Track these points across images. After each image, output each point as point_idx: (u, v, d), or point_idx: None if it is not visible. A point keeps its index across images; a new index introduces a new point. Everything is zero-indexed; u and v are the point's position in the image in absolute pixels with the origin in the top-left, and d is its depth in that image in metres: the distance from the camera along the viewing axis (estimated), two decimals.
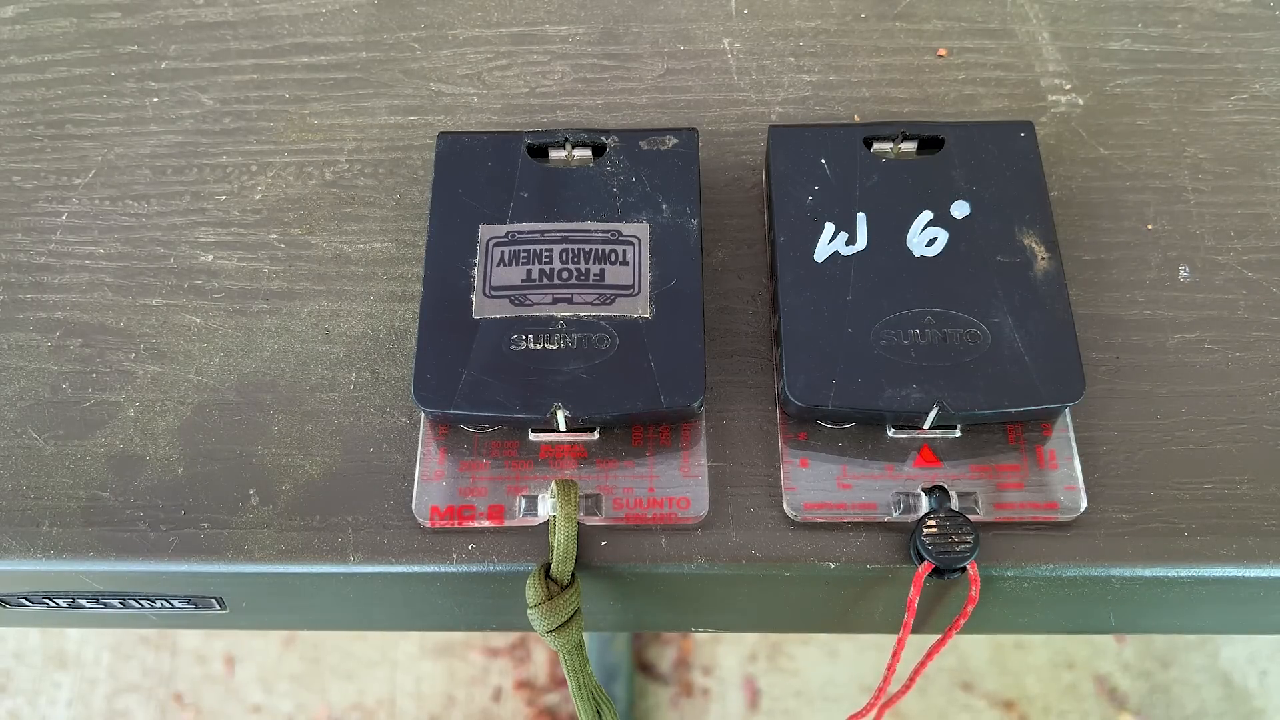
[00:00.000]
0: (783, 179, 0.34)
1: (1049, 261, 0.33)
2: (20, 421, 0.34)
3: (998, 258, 0.33)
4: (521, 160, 0.35)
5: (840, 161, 0.35)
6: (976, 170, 0.34)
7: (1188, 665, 1.00)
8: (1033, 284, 0.32)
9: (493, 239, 0.34)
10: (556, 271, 0.33)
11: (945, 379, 0.31)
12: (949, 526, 0.30)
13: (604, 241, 0.34)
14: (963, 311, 0.32)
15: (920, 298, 0.32)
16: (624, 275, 0.33)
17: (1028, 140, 0.35)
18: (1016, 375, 0.31)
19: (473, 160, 0.35)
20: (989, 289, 0.32)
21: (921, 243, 0.33)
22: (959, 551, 0.30)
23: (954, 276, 0.33)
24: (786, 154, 0.35)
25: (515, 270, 0.33)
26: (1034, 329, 0.32)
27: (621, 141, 0.35)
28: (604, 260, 0.33)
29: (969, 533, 0.30)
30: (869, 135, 0.35)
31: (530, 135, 0.36)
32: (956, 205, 0.34)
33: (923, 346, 0.31)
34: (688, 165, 0.35)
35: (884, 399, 0.31)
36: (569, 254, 0.34)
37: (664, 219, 0.34)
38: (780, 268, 0.33)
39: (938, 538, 0.30)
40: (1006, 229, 0.33)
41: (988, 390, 0.31)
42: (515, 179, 0.35)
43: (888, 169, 0.35)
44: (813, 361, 0.31)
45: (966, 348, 0.31)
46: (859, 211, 0.34)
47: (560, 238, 0.34)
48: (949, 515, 0.30)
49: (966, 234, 0.33)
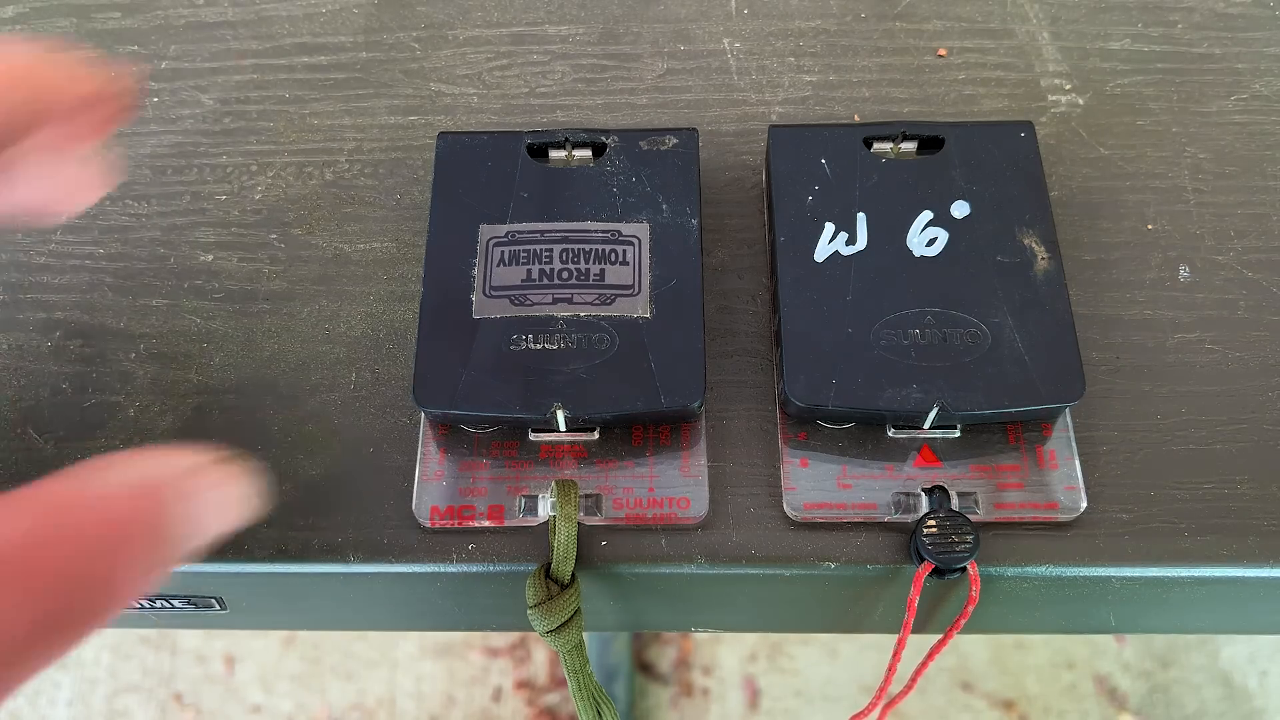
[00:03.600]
0: (783, 179, 0.34)
1: (1049, 261, 0.33)
2: (20, 421, 0.34)
3: (998, 258, 0.33)
4: (521, 160, 0.35)
5: (840, 161, 0.35)
6: (976, 170, 0.34)
7: (1188, 665, 1.00)
8: (1033, 284, 0.32)
9: (493, 239, 0.34)
10: (557, 271, 0.33)
11: (945, 379, 0.31)
12: (949, 527, 0.30)
13: (604, 241, 0.34)
14: (963, 311, 0.32)
15: (920, 298, 0.32)
16: (624, 275, 0.33)
17: (1028, 140, 0.35)
18: (1016, 375, 0.31)
19: (473, 160, 0.35)
20: (989, 289, 0.32)
21: (922, 243, 0.33)
22: (959, 552, 0.30)
23: (954, 276, 0.33)
24: (786, 154, 0.35)
25: (515, 270, 0.33)
26: (1034, 329, 0.32)
27: (621, 141, 0.35)
28: (604, 260, 0.33)
29: (969, 533, 0.30)
30: (869, 135, 0.35)
31: (530, 135, 0.36)
32: (956, 205, 0.34)
33: (923, 346, 0.31)
34: (688, 165, 0.35)
35: (884, 399, 0.31)
36: (569, 254, 0.34)
37: (664, 219, 0.34)
38: (780, 267, 0.33)
39: (938, 538, 0.30)
40: (1006, 229, 0.33)
41: (988, 390, 0.31)
42: (515, 179, 0.35)
43: (888, 169, 0.35)
44: (813, 361, 0.31)
45: (966, 348, 0.31)
46: (859, 211, 0.34)
47: (560, 238, 0.34)
48: (949, 515, 0.30)
49: (967, 234, 0.33)
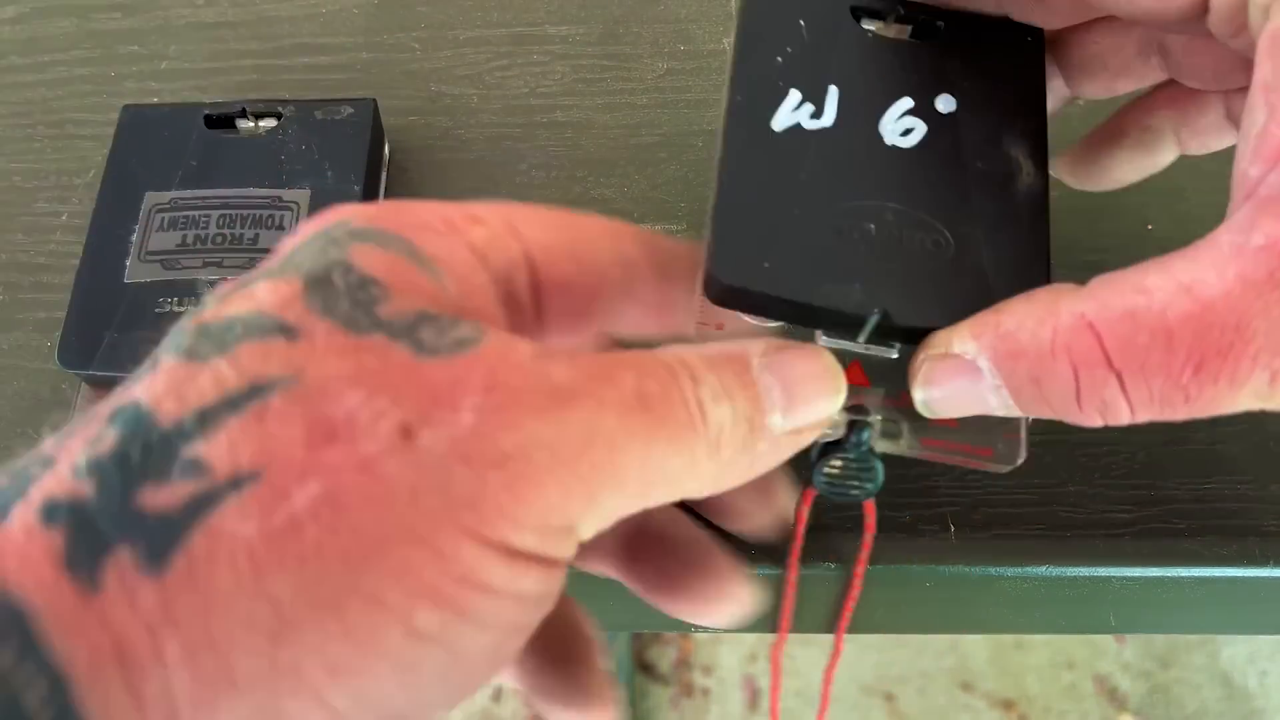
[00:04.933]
0: (752, 34, 0.30)
1: (1034, 179, 0.29)
2: (20, 421, 0.34)
3: (978, 164, 0.29)
4: (197, 130, 0.36)
5: (822, 27, 0.30)
6: (971, 67, 0.30)
7: (1188, 665, 1.00)
8: (1012, 199, 0.28)
9: (156, 205, 0.35)
10: (211, 236, 0.34)
11: (894, 284, 0.27)
12: (854, 469, 0.28)
13: (262, 207, 0.35)
14: (928, 214, 0.28)
15: (884, 190, 0.28)
16: (277, 240, 0.34)
17: (1034, 46, 0.31)
18: (975, 295, 0.27)
19: (151, 131, 0.37)
20: (962, 195, 0.28)
21: (896, 130, 0.29)
22: (854, 495, 0.28)
23: (925, 174, 0.28)
24: (761, 7, 0.31)
25: (172, 235, 0.35)
26: (1004, 248, 0.28)
27: (297, 111, 0.37)
28: (260, 225, 0.35)
29: (870, 480, 0.28)
30: (859, 5, 0.31)
31: (209, 107, 0.37)
32: (942, 99, 0.30)
33: (876, 243, 0.27)
34: (359, 134, 0.36)
35: (821, 294, 0.27)
36: (226, 219, 0.35)
37: (327, 185, 0.35)
38: (730, 130, 0.29)
39: (837, 479, 0.28)
40: (993, 135, 0.29)
41: (940, 304, 0.27)
42: (187, 148, 0.36)
43: (874, 46, 0.30)
44: (747, 238, 0.27)
45: (926, 254, 0.27)
46: (832, 84, 0.29)
47: (220, 204, 0.35)
48: (860, 459, 0.28)
49: (948, 131, 0.29)
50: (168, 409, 0.18)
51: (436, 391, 0.18)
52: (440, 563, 0.17)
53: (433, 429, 0.18)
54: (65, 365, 0.33)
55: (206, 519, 0.16)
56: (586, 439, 0.19)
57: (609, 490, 0.19)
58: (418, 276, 0.20)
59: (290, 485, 0.17)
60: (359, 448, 0.17)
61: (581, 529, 0.19)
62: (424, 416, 0.18)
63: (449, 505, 0.17)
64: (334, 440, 0.17)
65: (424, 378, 0.18)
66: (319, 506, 0.17)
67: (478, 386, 0.18)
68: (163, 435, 0.17)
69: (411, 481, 0.17)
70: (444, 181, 0.39)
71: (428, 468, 0.17)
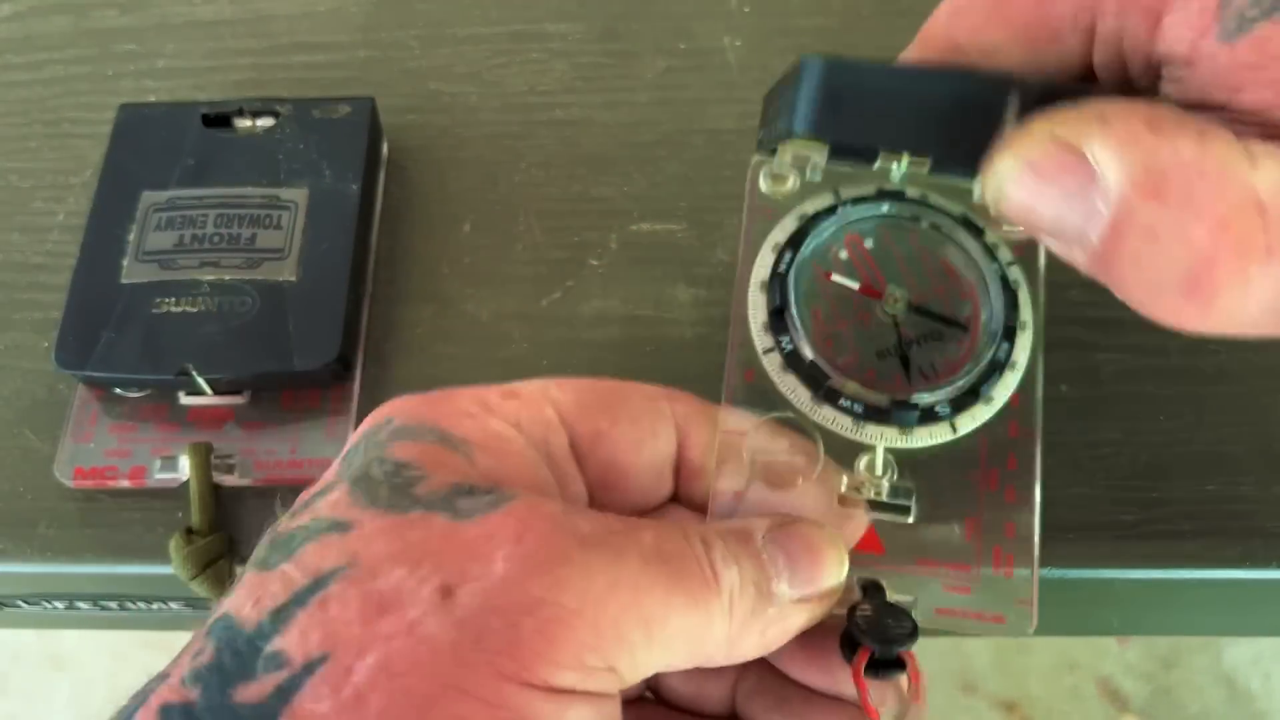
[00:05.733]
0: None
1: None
2: (17, 422, 0.34)
3: None
4: (194, 129, 0.36)
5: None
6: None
7: (1191, 667, 1.00)
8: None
9: (153, 205, 0.35)
10: (209, 236, 0.34)
11: None
12: (885, 610, 0.27)
13: (260, 206, 0.35)
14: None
15: None
16: (275, 239, 0.34)
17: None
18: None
19: (148, 130, 0.37)
20: None
21: None
22: (895, 635, 0.26)
23: None
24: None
25: (169, 235, 0.34)
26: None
27: (295, 110, 0.37)
28: (257, 225, 0.34)
29: (906, 616, 0.27)
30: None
31: (207, 106, 0.37)
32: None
33: None
34: (357, 133, 0.36)
35: None
36: (223, 219, 0.35)
37: (325, 184, 0.35)
38: None
39: (872, 621, 0.26)
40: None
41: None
42: (184, 147, 0.36)
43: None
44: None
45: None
46: None
47: (217, 203, 0.35)
48: (882, 601, 0.27)
49: None
50: (247, 615, 0.20)
51: (473, 548, 0.20)
52: (489, 710, 0.19)
53: (469, 584, 0.20)
54: (62, 365, 0.33)
55: (290, 704, 0.19)
56: (612, 583, 0.20)
57: (638, 633, 0.20)
58: (450, 457, 0.22)
59: (352, 661, 0.19)
60: (406, 614, 0.19)
61: (622, 670, 0.21)
62: (462, 573, 0.20)
63: (488, 656, 0.19)
64: (385, 612, 0.19)
65: (460, 538, 0.20)
66: (376, 675, 0.19)
67: (509, 538, 0.20)
68: (247, 639, 0.20)
69: (453, 638, 0.19)
70: (442, 180, 0.39)
71: (466, 622, 0.19)
